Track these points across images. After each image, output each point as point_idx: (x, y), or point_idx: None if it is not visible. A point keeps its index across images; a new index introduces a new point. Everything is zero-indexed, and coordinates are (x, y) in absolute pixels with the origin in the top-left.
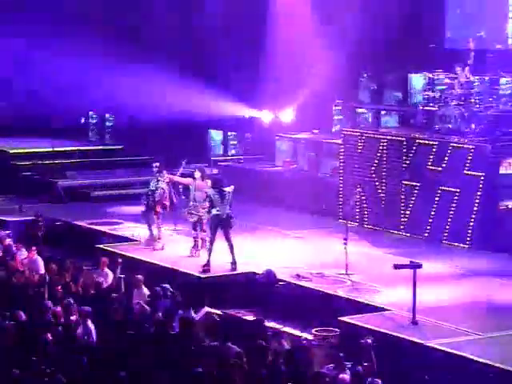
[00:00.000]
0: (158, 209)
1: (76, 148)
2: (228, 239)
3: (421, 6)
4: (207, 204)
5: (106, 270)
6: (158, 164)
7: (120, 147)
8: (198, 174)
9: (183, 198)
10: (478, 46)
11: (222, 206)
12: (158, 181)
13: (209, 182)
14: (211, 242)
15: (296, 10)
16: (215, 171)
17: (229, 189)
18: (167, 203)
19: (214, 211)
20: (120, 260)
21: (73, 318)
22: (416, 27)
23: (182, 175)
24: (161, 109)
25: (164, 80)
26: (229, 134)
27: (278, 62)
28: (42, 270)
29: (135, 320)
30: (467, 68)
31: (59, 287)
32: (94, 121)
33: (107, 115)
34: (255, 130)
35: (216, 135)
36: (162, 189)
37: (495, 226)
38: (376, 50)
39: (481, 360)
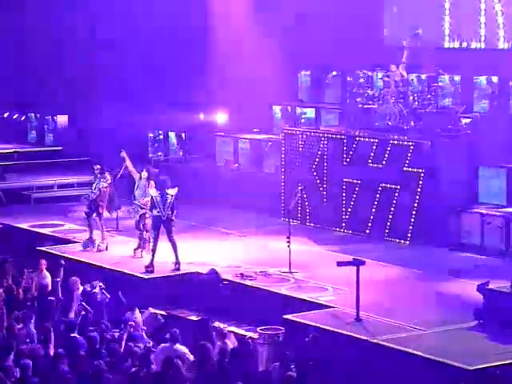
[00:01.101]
0: (100, 210)
1: (14, 150)
2: (171, 239)
3: (358, 3)
4: (146, 201)
5: (45, 272)
6: (98, 166)
7: (59, 148)
8: (145, 175)
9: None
10: (416, 43)
11: (162, 208)
12: (100, 182)
13: (152, 184)
14: (154, 243)
15: (233, 8)
16: (156, 170)
17: (172, 191)
18: (104, 204)
19: (154, 212)
20: (63, 262)
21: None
22: (354, 25)
23: (122, 175)
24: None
25: None
26: (169, 134)
27: (217, 62)
28: None
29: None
30: (401, 66)
31: (1, 290)
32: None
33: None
34: (196, 129)
35: (157, 136)
36: (103, 190)
37: (436, 222)
38: (314, 48)
39: (424, 355)
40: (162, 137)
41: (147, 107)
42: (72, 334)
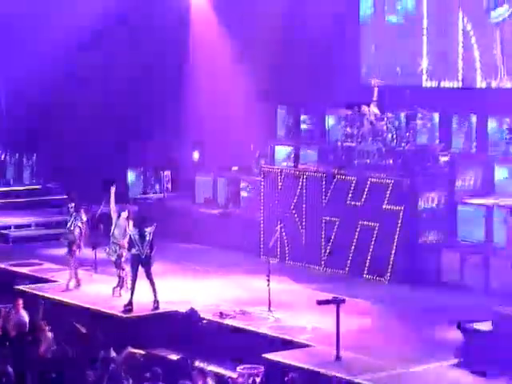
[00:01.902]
0: (75, 248)
1: None
2: (149, 278)
3: (336, 42)
4: (125, 241)
5: (22, 311)
6: (73, 204)
7: (37, 187)
8: (125, 214)
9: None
10: (394, 81)
11: (141, 246)
12: (75, 220)
13: (131, 223)
14: (133, 282)
15: (212, 47)
16: (135, 208)
17: (149, 229)
18: (82, 243)
19: (133, 251)
20: (42, 302)
21: None
22: (331, 64)
23: (102, 215)
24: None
25: None
26: (148, 172)
27: (197, 100)
28: None
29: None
30: (372, 104)
31: None
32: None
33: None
34: (175, 167)
35: (135, 173)
36: (79, 228)
37: (415, 260)
38: (292, 86)
39: None
40: (141, 175)
41: (124, 145)
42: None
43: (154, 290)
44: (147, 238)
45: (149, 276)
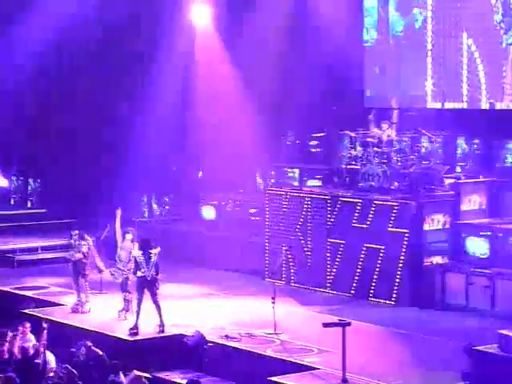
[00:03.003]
0: (86, 272)
1: None
2: (155, 301)
3: (339, 65)
4: (131, 264)
5: (29, 335)
6: (76, 232)
7: (43, 211)
8: (129, 236)
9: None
10: (399, 103)
11: (147, 268)
12: (80, 245)
13: (136, 246)
14: (138, 304)
15: (217, 71)
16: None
17: (155, 251)
18: (89, 269)
19: (139, 273)
20: (45, 325)
21: None
22: (335, 85)
23: (106, 238)
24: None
25: None
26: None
27: (201, 126)
28: None
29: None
30: (392, 126)
31: None
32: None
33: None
34: (179, 190)
35: (140, 196)
36: (85, 253)
37: (420, 283)
38: (297, 110)
39: None
40: (145, 199)
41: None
42: None
43: (160, 313)
44: (152, 260)
45: (154, 298)
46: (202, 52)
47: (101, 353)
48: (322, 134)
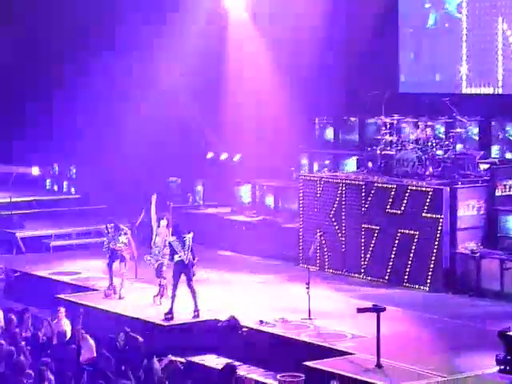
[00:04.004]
0: (125, 256)
1: (33, 198)
2: (190, 286)
3: (374, 50)
4: (166, 250)
5: (64, 320)
6: (112, 225)
7: (77, 196)
8: (164, 222)
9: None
10: (433, 89)
11: (183, 252)
12: (117, 237)
13: (170, 231)
14: (174, 289)
15: (254, 54)
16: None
17: (189, 235)
18: (129, 255)
19: (176, 257)
20: (82, 310)
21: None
22: (370, 71)
23: (142, 224)
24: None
25: None
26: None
27: (235, 107)
28: (2, 322)
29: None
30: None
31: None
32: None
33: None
34: (214, 174)
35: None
36: (124, 243)
37: (455, 268)
38: (332, 94)
39: None
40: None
41: (166, 153)
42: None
43: (195, 298)
44: (187, 244)
45: (190, 283)
46: (234, 31)
47: (140, 339)
48: (355, 119)
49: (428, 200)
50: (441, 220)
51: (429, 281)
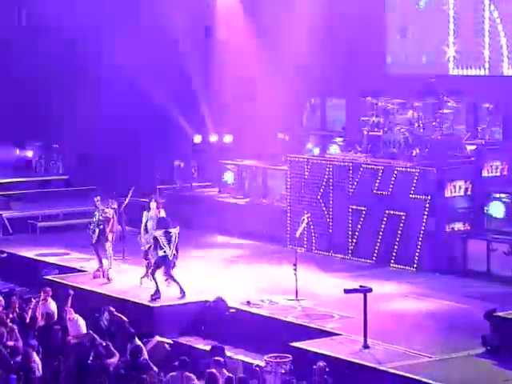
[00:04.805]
0: (108, 238)
1: (20, 179)
2: (170, 275)
3: (361, 31)
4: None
5: (50, 300)
6: (98, 198)
7: (65, 177)
8: (153, 205)
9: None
10: (420, 70)
11: (168, 248)
12: (103, 211)
13: (162, 212)
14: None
15: (241, 36)
16: (162, 201)
17: (175, 230)
18: (114, 232)
19: (160, 252)
20: (71, 292)
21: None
22: (357, 52)
23: (128, 205)
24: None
25: None
26: (176, 162)
27: (223, 87)
28: None
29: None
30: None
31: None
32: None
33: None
34: (201, 156)
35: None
36: (109, 218)
37: (442, 249)
38: (319, 76)
39: (432, 382)
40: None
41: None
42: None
43: (177, 282)
44: (173, 239)
45: (169, 274)
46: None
47: (124, 318)
48: (342, 100)
49: (415, 181)
50: (427, 201)
51: (416, 261)
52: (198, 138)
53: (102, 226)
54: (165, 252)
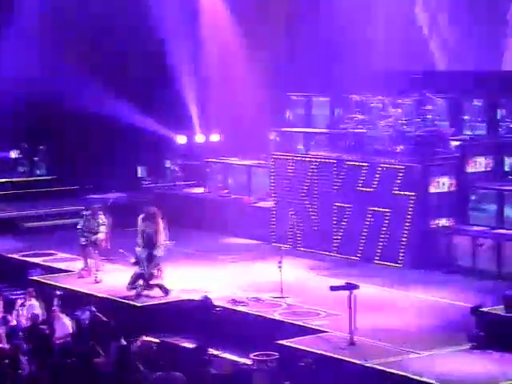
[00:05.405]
0: (101, 244)
1: (5, 180)
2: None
3: (346, 28)
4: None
5: (33, 300)
6: (90, 212)
7: (50, 178)
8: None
9: None
10: (405, 66)
11: (146, 266)
12: (96, 221)
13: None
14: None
15: (226, 33)
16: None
17: (158, 251)
18: (106, 243)
19: (137, 268)
20: (58, 292)
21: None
22: (341, 51)
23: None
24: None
25: None
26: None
27: (208, 84)
28: None
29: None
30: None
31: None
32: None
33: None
34: (186, 155)
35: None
36: (103, 229)
37: (426, 245)
38: (303, 72)
39: (418, 378)
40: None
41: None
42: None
43: (158, 284)
44: (153, 261)
45: (148, 286)
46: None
47: (104, 318)
48: (326, 99)
49: (399, 177)
50: (412, 197)
51: (401, 258)
52: (182, 139)
53: (95, 236)
54: (142, 270)
